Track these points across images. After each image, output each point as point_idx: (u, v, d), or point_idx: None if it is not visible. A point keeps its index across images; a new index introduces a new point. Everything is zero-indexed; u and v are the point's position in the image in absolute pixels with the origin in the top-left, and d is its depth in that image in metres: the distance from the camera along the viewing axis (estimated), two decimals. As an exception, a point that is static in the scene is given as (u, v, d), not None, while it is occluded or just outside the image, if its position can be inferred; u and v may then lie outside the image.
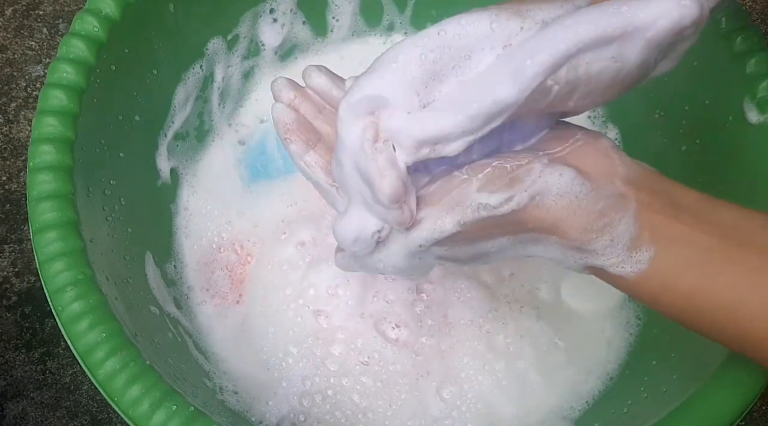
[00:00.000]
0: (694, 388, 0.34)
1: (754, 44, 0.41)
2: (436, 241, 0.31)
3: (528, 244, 0.31)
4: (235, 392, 0.43)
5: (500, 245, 0.31)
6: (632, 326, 0.47)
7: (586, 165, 0.30)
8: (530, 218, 0.30)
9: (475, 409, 0.44)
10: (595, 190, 0.29)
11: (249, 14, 0.51)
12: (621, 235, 0.29)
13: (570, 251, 0.30)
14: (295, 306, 0.46)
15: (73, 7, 0.64)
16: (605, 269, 0.30)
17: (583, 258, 0.30)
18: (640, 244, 0.29)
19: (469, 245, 0.32)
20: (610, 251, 0.29)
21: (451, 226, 0.30)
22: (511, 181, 0.30)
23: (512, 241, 0.31)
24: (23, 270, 0.55)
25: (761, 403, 0.54)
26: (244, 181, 0.51)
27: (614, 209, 0.29)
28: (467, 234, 0.31)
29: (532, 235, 0.31)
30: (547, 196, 0.29)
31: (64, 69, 0.38)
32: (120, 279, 0.39)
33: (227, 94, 0.52)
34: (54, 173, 0.36)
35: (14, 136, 0.59)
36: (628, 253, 0.29)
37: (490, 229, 0.31)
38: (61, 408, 0.52)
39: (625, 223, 0.29)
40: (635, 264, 0.29)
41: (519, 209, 0.29)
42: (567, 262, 0.31)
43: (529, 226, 0.30)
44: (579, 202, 0.29)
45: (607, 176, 0.30)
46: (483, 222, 0.30)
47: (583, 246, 0.30)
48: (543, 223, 0.30)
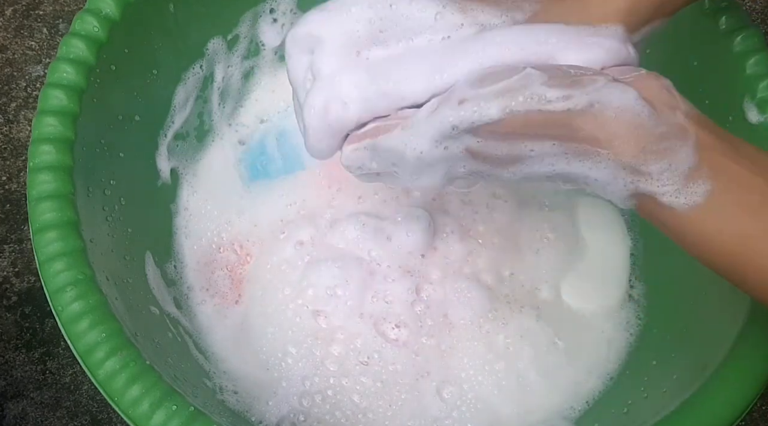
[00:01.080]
0: (694, 388, 0.34)
1: (754, 44, 0.41)
2: (473, 125, 0.29)
3: (574, 158, 0.29)
4: (235, 392, 0.43)
5: (542, 150, 0.29)
6: (632, 326, 0.47)
7: (651, 92, 0.29)
8: (586, 125, 0.28)
9: (475, 409, 0.44)
10: (657, 115, 0.28)
11: (249, 14, 0.51)
12: (680, 162, 0.28)
13: (622, 172, 0.28)
14: (294, 306, 0.46)
15: (73, 7, 0.64)
16: (657, 198, 0.28)
17: (635, 181, 0.28)
18: (699, 177, 0.28)
19: (508, 141, 0.29)
20: (667, 177, 0.28)
21: (496, 111, 0.28)
22: (573, 82, 0.28)
23: (557, 149, 0.29)
24: (23, 270, 0.55)
25: (761, 403, 0.54)
26: (244, 181, 0.51)
27: (675, 136, 0.28)
28: (510, 126, 0.29)
29: (583, 147, 0.28)
30: (607, 107, 0.28)
31: (64, 69, 0.38)
32: (120, 279, 0.39)
33: (227, 94, 0.52)
34: (54, 173, 0.36)
35: (14, 136, 0.59)
36: (684, 182, 0.28)
37: (537, 127, 0.28)
38: (61, 408, 0.52)
39: (684, 152, 0.28)
40: (690, 195, 0.28)
41: (575, 111, 0.28)
42: (614, 185, 0.29)
43: (582, 135, 0.28)
44: (640, 121, 0.28)
45: (670, 107, 0.29)
46: (532, 115, 0.28)
47: (638, 166, 0.28)
48: (598, 133, 0.28)
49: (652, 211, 0.29)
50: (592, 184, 0.29)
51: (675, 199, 0.28)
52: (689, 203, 0.28)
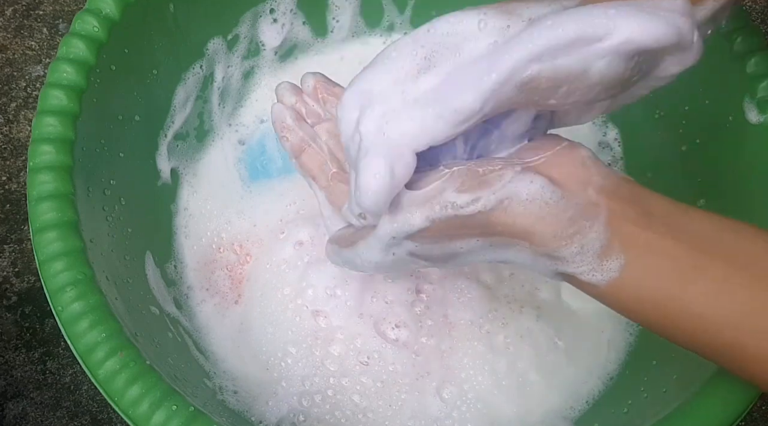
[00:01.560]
0: (694, 388, 0.34)
1: (754, 44, 0.41)
2: (407, 234, 0.31)
3: (498, 248, 0.31)
4: (234, 392, 0.43)
5: (470, 246, 0.32)
6: (632, 326, 0.47)
7: (561, 173, 0.30)
8: (498, 222, 0.30)
9: (475, 409, 0.44)
10: (566, 198, 0.29)
11: (249, 14, 0.51)
12: (591, 242, 0.29)
13: (540, 257, 0.30)
14: (294, 306, 0.46)
15: (73, 7, 0.64)
16: (576, 277, 0.30)
17: (553, 265, 0.30)
18: (611, 253, 0.29)
19: (440, 244, 0.32)
20: (580, 259, 0.29)
21: (420, 221, 0.31)
22: (480, 183, 0.30)
23: (482, 244, 0.31)
24: (23, 270, 0.55)
25: (761, 403, 0.54)
26: (243, 180, 0.51)
27: (585, 217, 0.29)
28: (436, 231, 0.31)
29: (503, 239, 0.31)
30: (516, 201, 0.29)
31: (64, 69, 0.38)
32: (120, 279, 0.39)
33: (227, 94, 0.52)
34: (54, 173, 0.36)
35: (14, 136, 0.59)
36: (598, 260, 0.29)
37: (459, 229, 0.31)
38: (61, 408, 0.52)
39: (595, 231, 0.29)
40: (606, 272, 0.29)
41: (486, 211, 0.30)
42: (538, 268, 0.31)
43: (498, 230, 0.30)
44: (549, 209, 0.29)
45: (581, 185, 0.30)
46: (451, 221, 0.30)
47: (552, 253, 0.30)
48: (512, 228, 0.30)
49: (577, 285, 0.31)
50: (521, 266, 0.32)
51: (592, 277, 0.30)
52: (606, 278, 0.29)
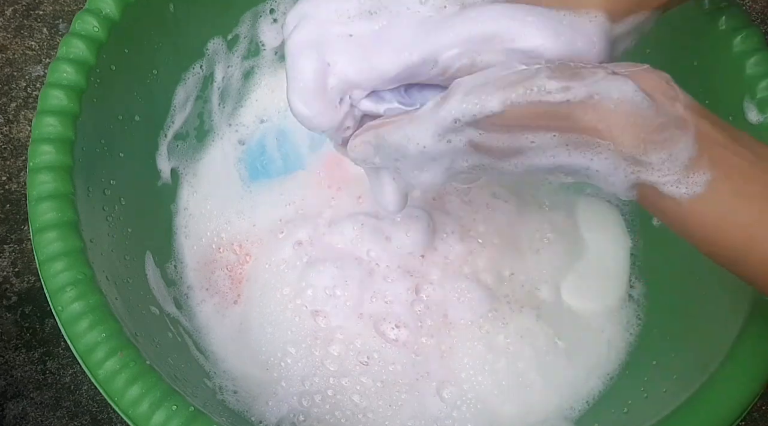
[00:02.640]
0: (694, 388, 0.34)
1: (754, 44, 0.41)
2: (475, 118, 0.29)
3: (575, 149, 0.29)
4: (234, 392, 0.43)
5: (543, 142, 0.29)
6: (632, 326, 0.47)
7: (649, 86, 0.29)
8: (585, 116, 0.28)
9: (475, 409, 0.44)
10: (656, 106, 0.28)
11: (249, 14, 0.51)
12: (680, 152, 0.28)
13: (623, 162, 0.29)
14: (293, 306, 0.46)
15: (73, 7, 0.64)
16: (658, 188, 0.28)
17: (636, 171, 0.29)
18: (699, 167, 0.28)
19: (509, 133, 0.30)
20: (668, 167, 0.28)
21: (497, 103, 0.29)
22: (573, 74, 0.29)
23: (558, 140, 0.29)
24: (23, 270, 0.55)
25: (761, 403, 0.54)
26: (243, 180, 0.51)
27: (675, 126, 0.28)
28: (511, 118, 0.29)
29: (583, 138, 0.29)
30: (607, 98, 0.28)
31: (64, 69, 0.38)
32: (120, 279, 0.39)
33: (227, 94, 0.52)
34: (54, 173, 0.36)
35: (14, 136, 0.59)
36: (685, 172, 0.28)
37: (538, 119, 0.29)
38: (61, 408, 0.52)
39: (684, 143, 0.28)
40: (691, 186, 0.28)
41: (575, 102, 0.28)
42: (615, 176, 0.29)
43: (582, 126, 0.28)
44: (639, 112, 0.28)
45: (669, 99, 0.29)
46: (533, 107, 0.29)
47: (639, 156, 0.28)
48: (599, 125, 0.28)
49: (654, 201, 0.29)
50: (594, 176, 0.30)
51: (676, 189, 0.28)
52: (690, 193, 0.28)
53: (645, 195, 0.29)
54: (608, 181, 0.29)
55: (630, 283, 0.48)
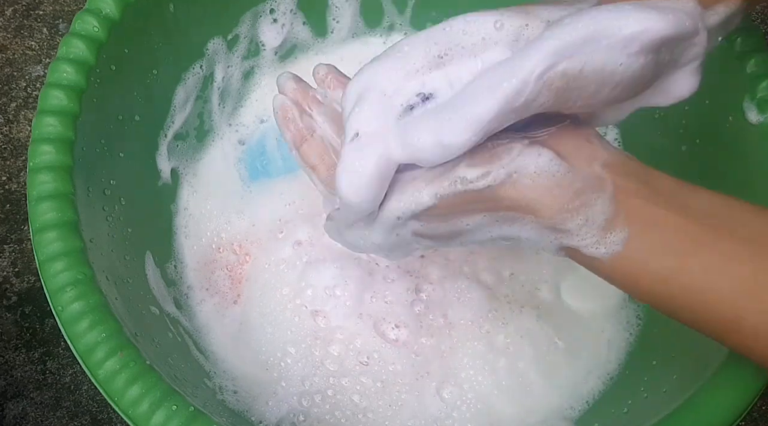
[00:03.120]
0: (694, 388, 0.34)
1: (754, 44, 0.41)
2: (413, 213, 0.32)
3: (504, 224, 0.31)
4: (234, 392, 0.43)
5: (476, 223, 0.32)
6: (632, 326, 0.47)
7: (567, 148, 0.30)
8: (507, 195, 0.30)
9: (475, 409, 0.44)
10: (573, 171, 0.30)
11: (249, 14, 0.51)
12: (596, 215, 0.29)
13: (545, 231, 0.31)
14: (293, 306, 0.46)
15: (73, 7, 0.64)
16: (580, 250, 0.30)
17: (558, 238, 0.30)
18: (615, 226, 0.29)
19: (446, 221, 0.32)
20: (585, 231, 0.30)
21: (428, 198, 0.31)
22: (491, 157, 0.30)
23: (488, 219, 0.31)
24: (23, 270, 0.55)
25: (761, 403, 0.54)
26: (243, 180, 0.51)
27: (591, 190, 0.29)
28: (444, 209, 0.31)
29: (509, 214, 0.31)
30: (524, 174, 0.30)
31: (64, 69, 0.38)
32: (120, 279, 0.39)
33: (227, 94, 0.52)
34: (54, 173, 0.36)
35: (14, 136, 0.59)
36: (602, 233, 0.29)
37: (466, 205, 0.31)
38: (61, 408, 0.52)
39: (600, 204, 0.29)
40: (609, 245, 0.29)
41: (496, 185, 0.30)
42: (543, 242, 0.31)
43: (506, 204, 0.30)
44: (556, 181, 0.30)
45: (586, 159, 0.30)
46: (460, 196, 0.31)
47: (557, 225, 0.30)
48: (519, 201, 0.30)
49: (580, 260, 0.31)
50: (525, 243, 0.32)
51: (596, 250, 0.30)
52: (609, 252, 0.29)
53: (572, 255, 0.31)
54: (539, 246, 0.32)
55: (630, 283, 0.48)
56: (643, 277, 0.29)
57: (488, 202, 0.31)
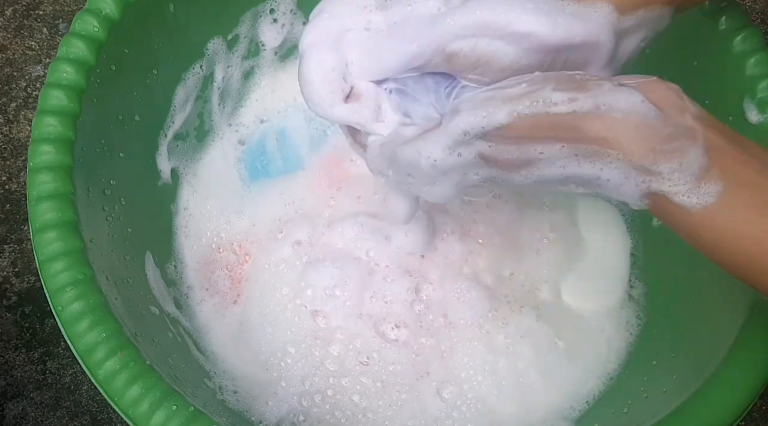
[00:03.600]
0: (694, 388, 0.34)
1: (754, 44, 0.41)
2: (483, 130, 0.30)
3: (584, 160, 0.29)
4: (234, 392, 0.43)
5: (551, 153, 0.29)
6: (632, 326, 0.47)
7: (657, 97, 0.29)
8: (593, 127, 0.28)
9: (475, 409, 0.44)
10: (665, 116, 0.28)
11: (249, 14, 0.51)
12: (690, 162, 0.28)
13: (633, 171, 0.28)
14: (292, 306, 0.46)
15: (73, 7, 0.64)
16: (669, 197, 0.28)
17: (646, 181, 0.28)
18: (710, 177, 0.28)
19: (518, 145, 0.30)
20: (678, 176, 0.28)
21: (503, 115, 0.29)
22: (579, 86, 0.29)
23: (566, 152, 0.29)
24: (23, 270, 0.55)
25: (761, 403, 0.54)
26: (243, 180, 0.51)
27: (684, 137, 0.28)
28: (519, 130, 0.29)
29: (592, 148, 0.29)
30: (614, 109, 0.28)
31: (64, 69, 0.38)
32: (120, 279, 0.39)
33: (227, 94, 0.52)
34: (54, 173, 0.36)
35: (14, 136, 0.59)
36: (696, 182, 0.28)
37: (544, 130, 0.29)
38: (61, 408, 0.52)
39: (694, 153, 0.28)
40: (702, 196, 0.28)
41: (581, 113, 0.28)
42: (627, 186, 0.29)
43: (590, 136, 0.28)
44: (647, 121, 0.28)
45: (677, 110, 0.29)
46: (540, 119, 0.29)
47: (648, 166, 0.28)
48: (607, 134, 0.28)
49: (665, 210, 0.29)
50: (605, 185, 0.30)
51: (687, 198, 0.28)
52: (701, 203, 0.28)
53: (656, 204, 0.29)
54: (619, 191, 0.29)
55: (630, 283, 0.48)
56: (734, 235, 0.28)
57: (571, 130, 0.29)
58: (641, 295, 0.48)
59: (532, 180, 0.31)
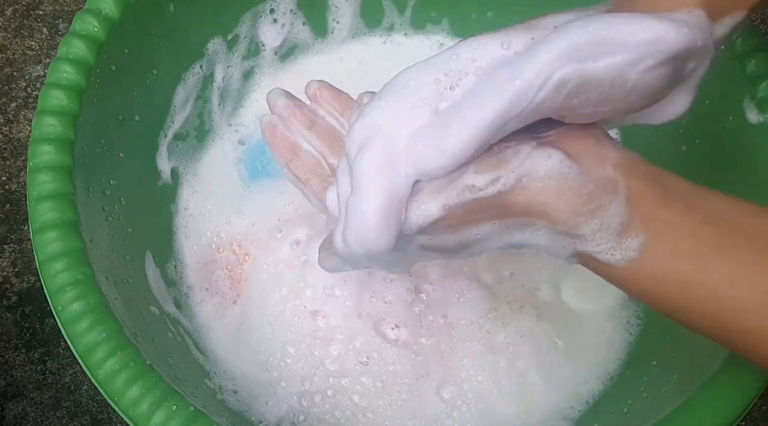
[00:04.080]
0: (694, 388, 0.34)
1: (754, 44, 0.41)
2: (421, 227, 0.30)
3: (515, 231, 0.30)
4: (234, 392, 0.43)
5: (486, 232, 0.31)
6: (632, 326, 0.47)
7: (577, 148, 0.29)
8: (517, 201, 0.29)
9: (475, 409, 0.44)
10: (585, 173, 0.29)
11: (249, 14, 0.51)
12: (611, 219, 0.28)
13: (558, 236, 0.30)
14: (292, 306, 0.46)
15: (73, 7, 0.64)
16: (594, 256, 0.29)
17: (571, 244, 0.29)
18: (631, 231, 0.28)
19: (455, 233, 0.31)
20: (600, 236, 0.29)
21: (436, 210, 0.30)
22: (498, 161, 0.29)
23: (498, 227, 0.30)
24: (23, 270, 0.55)
25: (761, 403, 0.54)
26: (243, 180, 0.51)
27: (604, 193, 0.28)
28: (452, 219, 0.30)
29: (520, 220, 0.30)
30: (535, 177, 0.29)
31: (64, 69, 0.38)
32: (120, 279, 0.39)
33: (227, 94, 0.52)
34: (54, 173, 0.36)
35: (14, 136, 0.59)
36: (617, 239, 0.28)
37: (475, 214, 0.30)
38: (61, 408, 0.52)
39: (615, 208, 0.28)
40: (625, 251, 0.28)
41: (506, 191, 0.29)
42: (556, 249, 0.30)
43: (516, 210, 0.29)
44: (568, 184, 0.29)
45: (597, 160, 0.29)
46: (469, 205, 0.30)
47: (571, 230, 0.29)
48: (530, 206, 0.29)
49: (594, 267, 0.30)
50: (538, 248, 0.31)
51: (611, 256, 0.29)
52: (625, 258, 0.29)
53: (585, 262, 0.30)
54: (550, 252, 0.31)
55: (630, 283, 0.48)
56: (660, 284, 0.28)
57: (499, 209, 0.30)
58: (641, 295, 0.48)
59: (474, 255, 0.32)
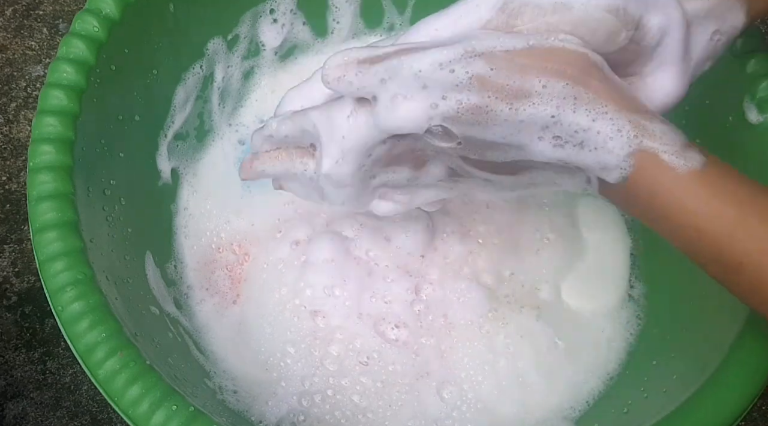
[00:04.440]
0: (694, 388, 0.34)
1: (754, 44, 0.41)
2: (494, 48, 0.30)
3: (581, 106, 0.29)
4: (234, 392, 0.43)
5: (555, 90, 0.29)
6: (632, 326, 0.47)
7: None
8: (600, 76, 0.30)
9: (475, 409, 0.44)
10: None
11: (249, 14, 0.51)
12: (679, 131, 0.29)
13: (627, 125, 0.29)
14: (292, 306, 0.46)
15: (73, 7, 0.64)
16: (658, 155, 0.29)
17: (639, 136, 0.29)
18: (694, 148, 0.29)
19: (523, 74, 0.29)
20: (669, 138, 0.29)
21: (520, 42, 0.29)
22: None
23: (568, 91, 0.29)
24: (23, 270, 0.55)
25: (761, 402, 0.54)
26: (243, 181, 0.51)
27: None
28: (531, 56, 0.29)
29: (592, 96, 0.29)
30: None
31: (64, 69, 0.38)
32: (120, 279, 0.39)
33: (227, 94, 0.52)
34: (54, 173, 0.36)
35: (14, 136, 0.59)
36: (682, 148, 0.29)
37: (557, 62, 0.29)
38: (61, 408, 0.52)
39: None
40: (689, 160, 0.29)
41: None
42: (619, 140, 0.29)
43: (594, 86, 0.29)
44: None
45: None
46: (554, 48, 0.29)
47: (643, 121, 0.29)
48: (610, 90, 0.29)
49: (649, 172, 0.29)
50: (592, 141, 0.29)
51: (676, 159, 0.29)
52: (688, 165, 0.29)
53: (641, 164, 0.29)
54: (606, 148, 0.29)
55: (630, 283, 0.48)
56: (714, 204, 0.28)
57: (582, 70, 0.29)
58: (641, 295, 0.48)
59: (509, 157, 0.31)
